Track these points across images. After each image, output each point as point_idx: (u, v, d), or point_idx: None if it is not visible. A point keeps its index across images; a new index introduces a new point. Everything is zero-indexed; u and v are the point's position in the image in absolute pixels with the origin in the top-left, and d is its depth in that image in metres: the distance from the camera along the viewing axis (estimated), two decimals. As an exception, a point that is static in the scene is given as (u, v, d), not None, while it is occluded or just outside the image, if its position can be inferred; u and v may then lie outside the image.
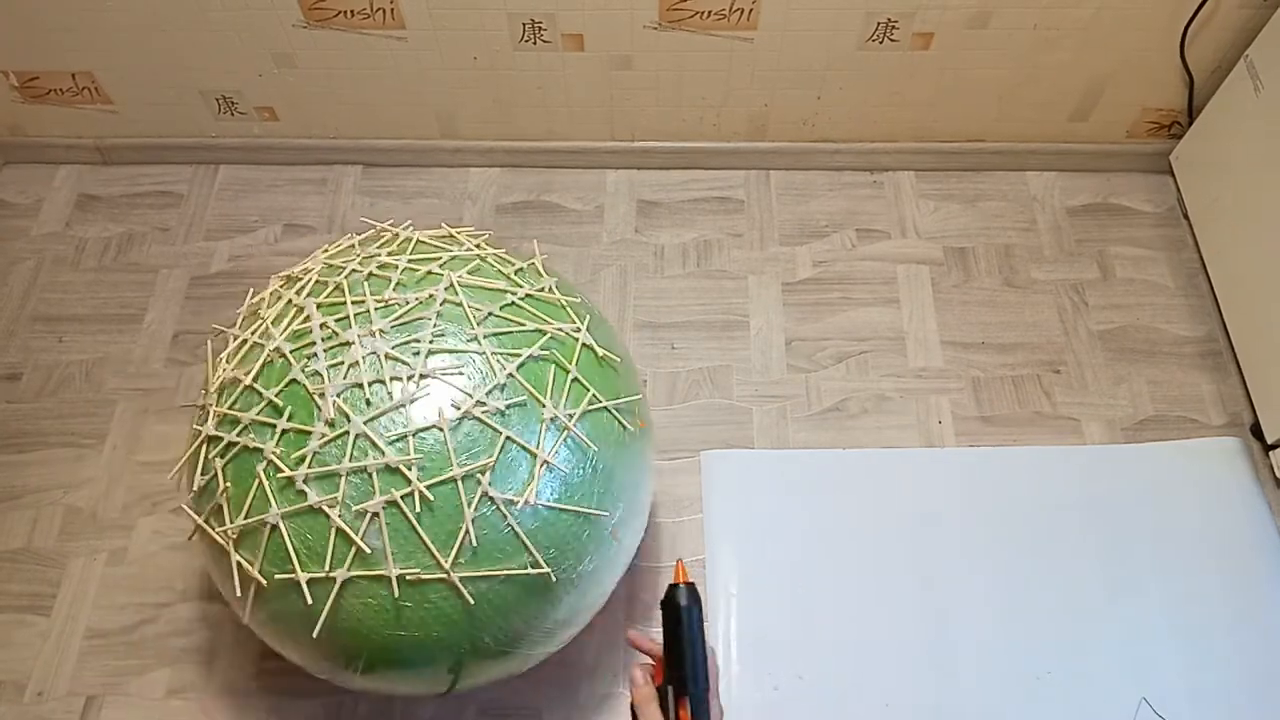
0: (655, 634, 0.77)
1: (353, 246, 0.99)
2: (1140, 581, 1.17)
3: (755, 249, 1.48)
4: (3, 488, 1.28)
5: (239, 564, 0.83)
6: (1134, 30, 1.32)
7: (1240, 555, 1.19)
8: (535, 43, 1.36)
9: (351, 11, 1.32)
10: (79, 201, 1.56)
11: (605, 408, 0.90)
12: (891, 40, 1.34)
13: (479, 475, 0.80)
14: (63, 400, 1.35)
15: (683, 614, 0.74)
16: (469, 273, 0.92)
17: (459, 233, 1.00)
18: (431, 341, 0.84)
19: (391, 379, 0.82)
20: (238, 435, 0.84)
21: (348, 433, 0.80)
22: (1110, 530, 1.21)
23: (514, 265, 0.97)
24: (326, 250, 0.99)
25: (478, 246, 0.97)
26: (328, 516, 0.79)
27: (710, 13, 1.30)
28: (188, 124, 1.53)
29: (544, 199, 1.55)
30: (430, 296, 0.88)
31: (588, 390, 0.89)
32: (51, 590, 1.20)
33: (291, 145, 1.56)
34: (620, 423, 0.92)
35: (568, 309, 0.94)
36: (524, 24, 1.33)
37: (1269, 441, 1.25)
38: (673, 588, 0.75)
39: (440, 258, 0.93)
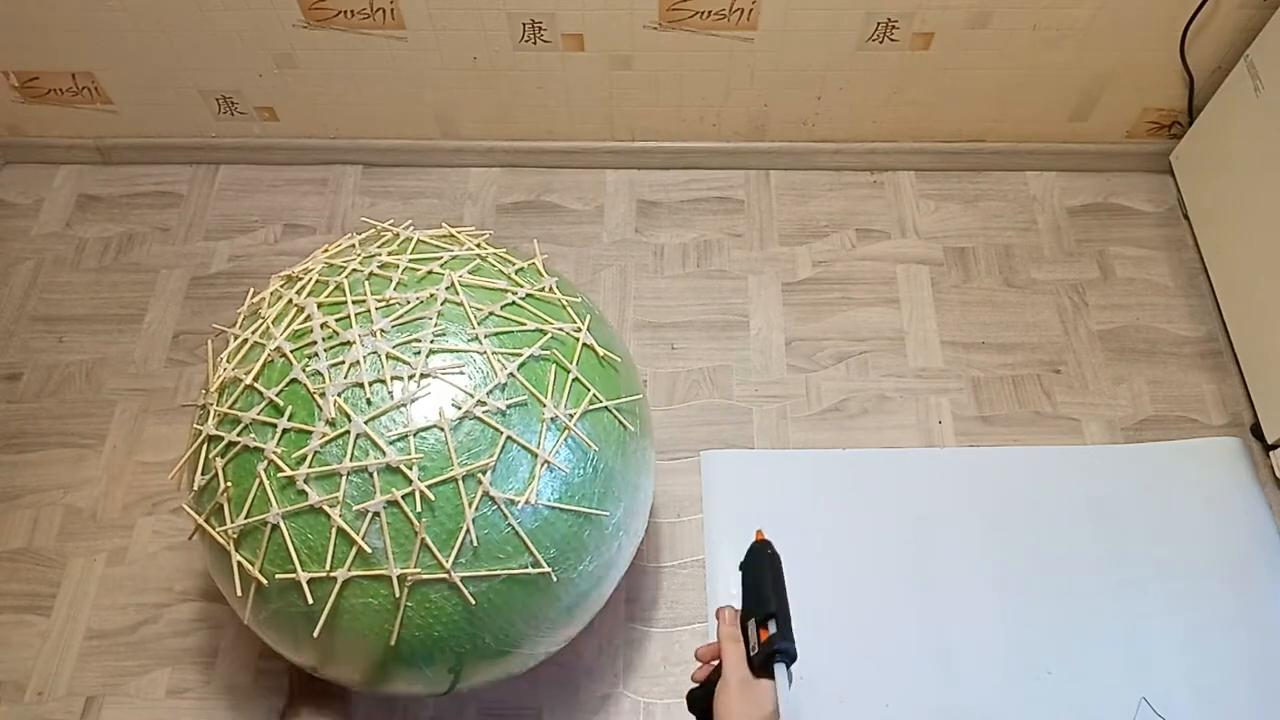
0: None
1: (353, 246, 0.99)
2: (1140, 581, 1.17)
3: (755, 249, 1.48)
4: (2, 488, 1.28)
5: (239, 563, 0.83)
6: (1134, 30, 1.32)
7: (1240, 555, 1.19)
8: (535, 43, 1.36)
9: (351, 11, 1.32)
10: (79, 201, 1.56)
11: (606, 407, 0.90)
12: (891, 40, 1.34)
13: (480, 475, 0.80)
14: (63, 400, 1.35)
15: (758, 556, 0.81)
16: (470, 272, 0.92)
17: (459, 232, 1.00)
18: (432, 341, 0.84)
19: (392, 378, 0.82)
20: (238, 435, 0.84)
21: (348, 432, 0.80)
22: (1110, 530, 1.21)
23: (514, 265, 0.97)
24: (327, 250, 0.99)
25: (478, 246, 0.97)
26: (328, 516, 0.79)
27: (710, 13, 1.30)
28: (188, 124, 1.53)
29: (544, 199, 1.55)
30: (431, 296, 0.88)
31: (588, 390, 0.89)
32: (51, 590, 1.20)
33: (291, 145, 1.56)
34: (621, 422, 0.92)
35: (568, 309, 0.94)
36: (524, 24, 1.33)
37: (1269, 441, 1.25)
38: (754, 546, 0.82)
39: (441, 257, 0.93)
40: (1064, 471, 1.26)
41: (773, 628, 0.74)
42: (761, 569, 0.80)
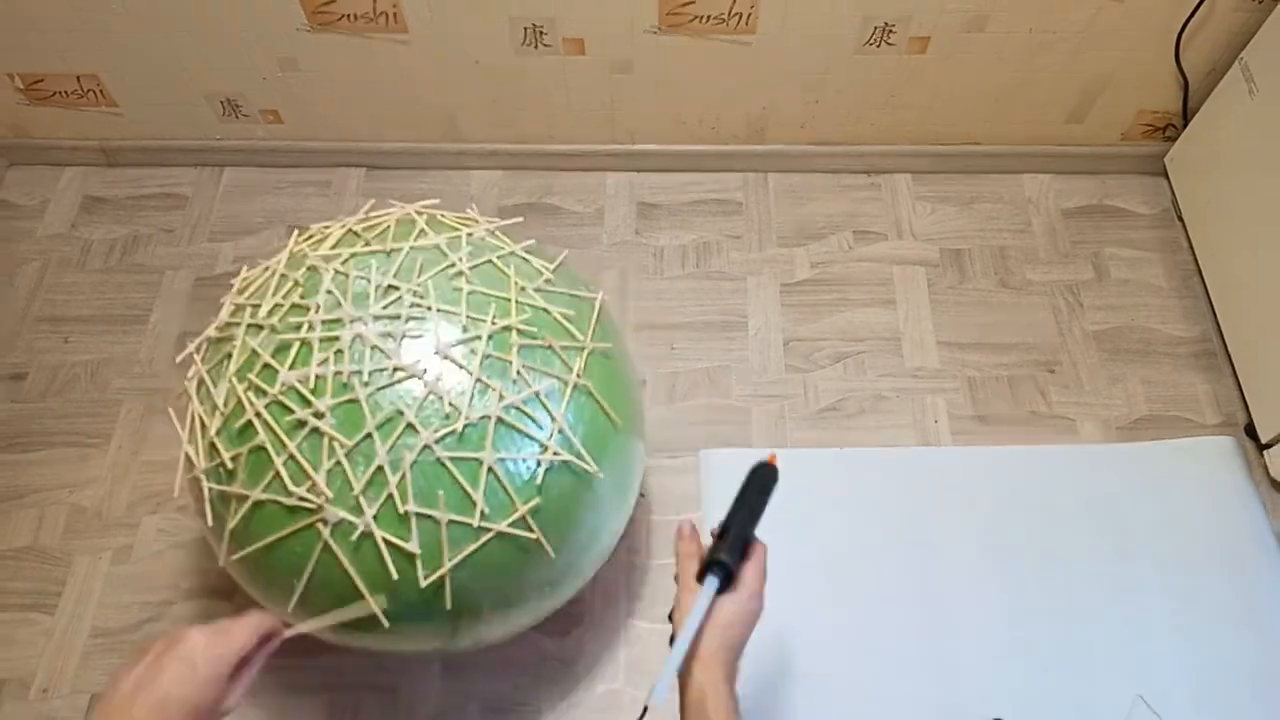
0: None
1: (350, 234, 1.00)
2: (1136, 580, 1.18)
3: (754, 250, 1.49)
4: (8, 487, 1.29)
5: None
6: (1129, 33, 1.33)
7: (1235, 554, 1.20)
8: (536, 46, 1.37)
9: (355, 15, 1.33)
10: (84, 203, 1.58)
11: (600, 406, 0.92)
12: (888, 44, 1.35)
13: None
14: (68, 400, 1.37)
15: (751, 475, 0.82)
16: (474, 268, 0.93)
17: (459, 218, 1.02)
18: (411, 324, 0.87)
19: (395, 367, 0.84)
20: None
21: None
22: (1105, 529, 1.22)
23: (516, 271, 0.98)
24: (298, 241, 1.01)
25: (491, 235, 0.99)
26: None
27: (709, 17, 1.32)
28: (192, 126, 1.54)
29: (545, 201, 1.56)
30: (427, 285, 0.90)
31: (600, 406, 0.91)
32: (56, 589, 1.21)
33: (295, 148, 1.57)
34: (610, 419, 0.94)
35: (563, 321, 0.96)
36: (525, 28, 1.34)
37: (1263, 441, 1.26)
38: (757, 464, 0.83)
39: (447, 242, 0.95)
40: (1059, 471, 1.27)
41: (727, 534, 0.77)
42: (745, 487, 0.82)
